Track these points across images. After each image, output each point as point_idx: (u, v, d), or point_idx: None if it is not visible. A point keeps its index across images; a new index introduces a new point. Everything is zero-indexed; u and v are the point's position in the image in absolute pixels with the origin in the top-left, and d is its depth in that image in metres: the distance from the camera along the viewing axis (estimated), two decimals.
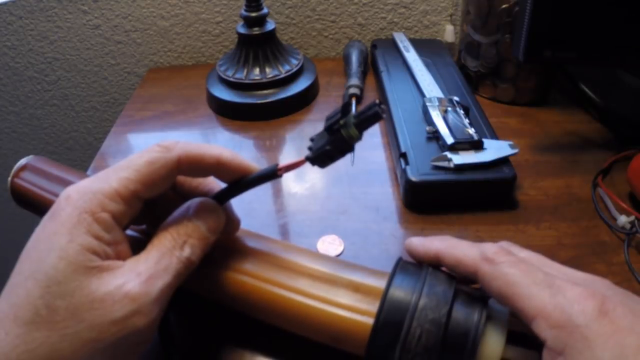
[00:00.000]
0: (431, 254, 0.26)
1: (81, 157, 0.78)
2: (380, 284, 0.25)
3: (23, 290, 0.20)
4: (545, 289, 0.21)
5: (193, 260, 0.23)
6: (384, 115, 0.22)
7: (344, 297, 0.25)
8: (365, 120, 0.22)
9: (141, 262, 0.22)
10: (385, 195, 0.42)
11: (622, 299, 0.20)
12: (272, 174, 0.25)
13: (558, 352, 0.19)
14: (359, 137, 0.22)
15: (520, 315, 0.21)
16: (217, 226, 0.25)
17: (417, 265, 0.25)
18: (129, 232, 0.29)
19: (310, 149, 0.24)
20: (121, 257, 0.22)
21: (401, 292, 0.23)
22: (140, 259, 0.22)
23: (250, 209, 0.41)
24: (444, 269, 0.26)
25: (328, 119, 0.23)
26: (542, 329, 0.20)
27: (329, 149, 0.23)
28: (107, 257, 0.21)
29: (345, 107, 0.23)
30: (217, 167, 0.25)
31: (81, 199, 0.21)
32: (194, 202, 0.25)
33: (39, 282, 0.20)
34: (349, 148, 0.23)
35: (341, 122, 0.22)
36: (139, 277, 0.21)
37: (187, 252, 0.23)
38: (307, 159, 0.24)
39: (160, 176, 0.23)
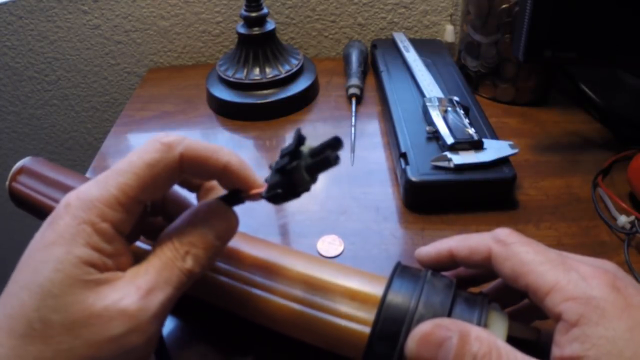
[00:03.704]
0: (444, 252, 0.25)
1: (81, 157, 0.78)
2: (377, 291, 0.24)
3: (18, 302, 0.19)
4: (559, 265, 0.21)
5: (196, 271, 0.22)
6: (339, 162, 0.19)
7: (341, 305, 0.25)
8: (318, 166, 0.20)
9: (141, 274, 0.21)
10: (385, 195, 0.42)
11: (631, 280, 0.21)
12: (236, 199, 0.24)
13: (572, 323, 0.19)
14: (311, 182, 0.21)
15: (533, 292, 0.21)
16: (227, 232, 0.24)
17: (415, 270, 0.25)
18: (142, 245, 0.28)
19: (266, 181, 0.22)
20: (122, 268, 0.21)
21: (399, 299, 0.23)
22: (140, 271, 0.21)
23: (250, 209, 0.41)
24: (444, 273, 0.26)
25: (282, 154, 0.21)
26: (556, 303, 0.20)
27: (280, 192, 0.21)
28: (107, 269, 0.21)
29: (296, 150, 0.21)
30: (222, 173, 0.23)
31: (80, 207, 0.20)
32: (202, 205, 0.24)
33: (33, 294, 0.19)
34: (303, 191, 0.21)
35: (293, 163, 0.20)
36: (138, 292, 0.20)
37: (189, 263, 0.22)
38: (264, 197, 0.22)
39: (161, 179, 0.22)
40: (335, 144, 0.20)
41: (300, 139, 0.21)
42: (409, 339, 0.21)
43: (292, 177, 0.21)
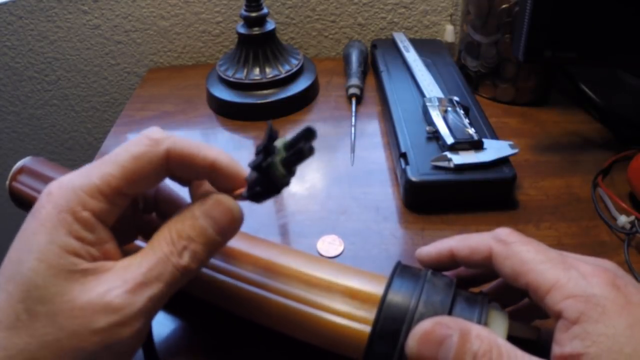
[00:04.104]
0: (445, 252, 0.25)
1: (81, 157, 0.78)
2: (378, 290, 0.24)
3: (4, 294, 0.19)
4: (559, 264, 0.21)
5: (192, 268, 0.21)
6: (313, 153, 0.19)
7: (341, 304, 0.25)
8: (292, 159, 0.20)
9: (132, 267, 0.20)
10: (385, 195, 0.42)
11: (630, 278, 0.21)
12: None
13: (573, 321, 0.19)
14: (288, 176, 0.21)
15: (534, 291, 0.21)
16: (230, 227, 0.23)
17: (416, 270, 0.25)
18: (140, 243, 0.28)
19: (246, 180, 0.22)
20: (109, 257, 0.21)
21: (399, 298, 0.23)
22: (132, 263, 0.21)
23: (250, 209, 0.41)
24: (445, 273, 0.26)
25: (257, 151, 0.21)
26: (557, 301, 0.20)
27: (260, 190, 0.21)
28: (92, 259, 0.20)
29: (269, 146, 0.20)
30: (211, 171, 0.23)
31: (62, 196, 0.20)
32: (204, 197, 0.23)
33: (18, 286, 0.19)
34: (282, 186, 0.21)
35: (268, 160, 0.20)
36: (125, 285, 0.20)
37: (185, 259, 0.21)
38: (245, 197, 0.22)
39: (146, 172, 0.21)
40: (308, 134, 0.19)
41: (272, 134, 0.20)
42: (409, 337, 0.21)
43: (269, 174, 0.20)
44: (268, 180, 0.21)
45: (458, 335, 0.20)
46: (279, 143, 0.21)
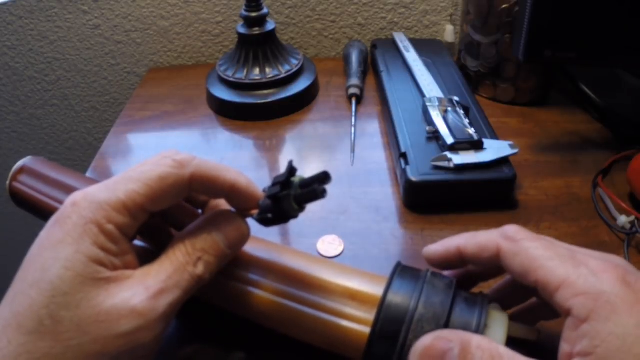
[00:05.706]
0: (452, 250, 0.25)
1: (81, 157, 0.78)
2: (378, 291, 0.24)
3: (27, 299, 0.20)
4: (568, 260, 0.21)
5: (206, 277, 0.23)
6: (325, 196, 0.21)
7: (341, 305, 0.25)
8: (306, 197, 0.22)
9: (152, 275, 0.22)
10: (385, 195, 0.42)
11: None
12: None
13: (583, 319, 0.19)
14: (299, 211, 0.23)
15: (543, 288, 0.21)
16: (239, 242, 0.25)
17: (416, 270, 0.25)
18: (137, 242, 0.29)
19: (259, 205, 0.25)
20: (129, 267, 0.22)
21: (399, 299, 0.23)
22: (152, 271, 0.22)
23: None
24: (445, 273, 0.26)
25: (274, 182, 0.23)
26: (566, 298, 0.20)
27: (270, 217, 0.24)
28: (114, 268, 0.21)
29: (287, 180, 0.23)
30: (230, 192, 0.24)
31: (88, 208, 0.21)
32: (215, 213, 0.25)
33: (43, 292, 0.19)
34: (291, 218, 0.23)
35: (284, 192, 0.23)
36: (147, 291, 0.21)
37: (200, 269, 0.22)
38: (255, 219, 0.25)
39: (170, 193, 0.23)
40: (324, 178, 0.21)
41: (292, 170, 0.23)
42: (411, 354, 0.21)
43: (282, 205, 0.23)
44: (280, 210, 0.23)
45: (459, 348, 0.20)
46: (296, 179, 0.23)
